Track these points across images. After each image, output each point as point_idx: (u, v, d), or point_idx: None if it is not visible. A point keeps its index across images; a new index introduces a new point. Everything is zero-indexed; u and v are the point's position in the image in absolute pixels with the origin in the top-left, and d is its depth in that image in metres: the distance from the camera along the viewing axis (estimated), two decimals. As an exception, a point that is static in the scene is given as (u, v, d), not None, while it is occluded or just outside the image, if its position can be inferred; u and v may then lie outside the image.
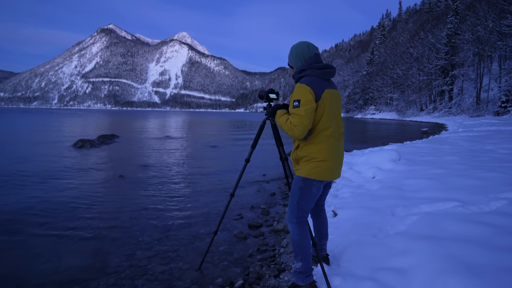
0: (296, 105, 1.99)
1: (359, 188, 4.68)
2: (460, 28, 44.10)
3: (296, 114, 1.97)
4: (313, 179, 2.09)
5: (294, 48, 2.19)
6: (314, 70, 2.08)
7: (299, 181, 2.13)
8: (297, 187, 2.13)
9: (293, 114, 1.99)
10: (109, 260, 3.02)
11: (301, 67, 2.12)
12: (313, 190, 2.13)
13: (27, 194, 5.28)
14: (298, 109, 1.97)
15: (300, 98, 1.98)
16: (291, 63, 2.23)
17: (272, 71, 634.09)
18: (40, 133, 19.05)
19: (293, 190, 2.17)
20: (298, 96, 1.99)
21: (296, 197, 2.14)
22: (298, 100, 1.98)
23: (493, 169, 5.07)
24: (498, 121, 24.27)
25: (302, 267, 2.17)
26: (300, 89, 2.00)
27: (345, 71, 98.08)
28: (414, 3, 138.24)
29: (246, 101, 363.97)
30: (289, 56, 2.24)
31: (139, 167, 7.99)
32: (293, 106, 2.01)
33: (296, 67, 2.18)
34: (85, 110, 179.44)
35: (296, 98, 2.00)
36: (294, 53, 2.18)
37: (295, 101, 2.00)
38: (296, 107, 1.99)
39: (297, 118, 1.96)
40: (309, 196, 2.13)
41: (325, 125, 2.07)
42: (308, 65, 2.10)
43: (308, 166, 2.08)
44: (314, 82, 2.03)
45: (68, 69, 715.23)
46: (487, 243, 2.34)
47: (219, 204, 4.85)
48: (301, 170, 2.12)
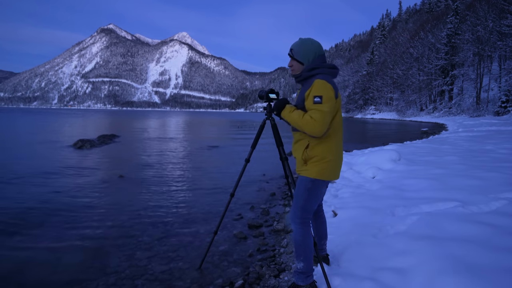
0: (318, 101, 1.90)
1: (359, 188, 4.68)
2: (460, 28, 44.11)
3: (318, 110, 1.89)
4: (321, 180, 2.06)
5: (310, 43, 2.07)
6: (326, 69, 2.04)
7: (307, 182, 2.06)
8: (304, 188, 2.07)
9: (315, 110, 1.90)
10: (109, 260, 3.01)
11: (313, 65, 2.05)
12: (320, 191, 2.13)
13: (27, 194, 5.28)
14: (320, 105, 1.89)
15: (323, 95, 1.90)
16: (302, 58, 2.08)
17: (272, 71, 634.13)
18: (40, 133, 19.05)
19: (299, 191, 2.10)
20: (320, 92, 1.91)
21: (303, 199, 2.08)
22: (320, 96, 1.90)
23: (493, 169, 5.07)
24: (498, 121, 24.27)
25: (304, 267, 2.16)
26: (322, 85, 1.92)
27: (345, 71, 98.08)
28: (414, 3, 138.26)
29: (246, 101, 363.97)
30: (299, 51, 2.08)
31: (139, 167, 7.99)
32: (313, 102, 1.91)
33: (307, 63, 2.08)
34: (85, 110, 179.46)
35: (318, 94, 1.91)
36: (307, 48, 2.06)
37: (316, 96, 1.90)
38: (318, 103, 1.90)
39: (320, 114, 1.88)
40: (315, 197, 2.11)
41: (338, 124, 2.07)
42: (319, 64, 2.04)
43: (319, 166, 2.04)
44: (331, 81, 1.99)
45: (68, 69, 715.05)
46: (487, 243, 2.33)
47: (219, 204, 4.84)
48: (310, 171, 2.05)
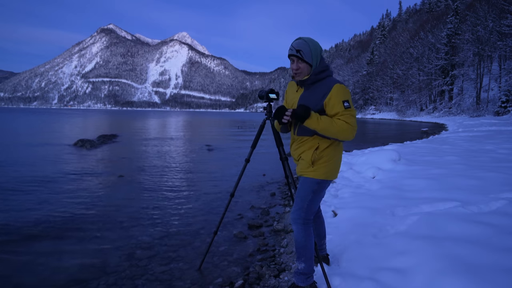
0: (348, 106, 1.95)
1: (359, 188, 4.68)
2: (460, 28, 44.11)
3: (351, 115, 1.95)
4: (327, 180, 2.09)
5: (316, 45, 2.02)
6: (331, 71, 2.07)
7: (313, 184, 2.06)
8: (310, 189, 2.07)
9: (348, 115, 1.94)
10: (109, 260, 3.01)
11: (321, 68, 2.02)
12: (324, 191, 2.15)
13: (26, 194, 5.28)
14: (351, 110, 1.96)
15: (348, 99, 1.97)
16: (310, 59, 2.00)
17: (272, 71, 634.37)
18: (40, 133, 19.05)
19: (304, 192, 2.08)
20: (346, 97, 1.97)
21: (308, 199, 2.07)
22: (347, 101, 1.96)
23: (493, 169, 5.07)
24: (498, 121, 24.27)
25: (305, 268, 2.15)
26: (345, 89, 1.98)
27: (345, 71, 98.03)
28: (414, 3, 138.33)
29: (246, 101, 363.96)
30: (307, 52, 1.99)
31: (139, 167, 7.99)
32: (344, 107, 1.95)
33: (315, 65, 2.02)
34: (85, 110, 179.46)
35: (345, 98, 1.96)
36: (314, 50, 2.00)
37: (344, 101, 1.95)
38: (348, 108, 1.95)
39: (353, 119, 1.95)
40: (320, 198, 2.13)
41: None
42: (326, 65, 2.05)
43: (327, 168, 2.05)
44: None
45: (68, 69, 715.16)
46: (487, 243, 2.34)
47: (219, 204, 4.85)
48: (317, 172, 2.05)
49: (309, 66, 2.02)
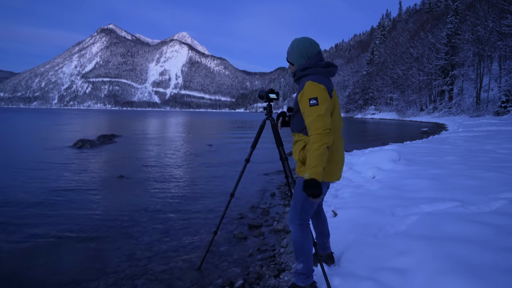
0: (315, 103, 1.81)
1: (359, 188, 4.68)
2: (460, 28, 44.13)
3: (318, 115, 1.79)
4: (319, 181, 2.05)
5: (296, 44, 2.04)
6: (319, 68, 1.96)
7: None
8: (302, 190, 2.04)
9: (315, 115, 1.80)
10: (109, 260, 3.01)
11: (305, 65, 1.99)
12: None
13: (26, 194, 5.28)
14: (317, 108, 1.80)
15: (317, 96, 1.83)
16: (292, 59, 2.06)
17: (272, 71, 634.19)
18: (40, 133, 19.05)
19: (297, 193, 2.06)
20: (314, 94, 1.83)
21: (301, 200, 2.03)
22: (316, 98, 1.82)
23: (493, 169, 5.07)
24: (498, 121, 24.29)
25: (303, 268, 2.15)
26: (314, 86, 1.85)
27: (345, 71, 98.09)
28: (414, 3, 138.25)
29: (246, 101, 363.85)
30: (290, 52, 2.07)
31: (139, 167, 7.99)
32: (309, 105, 1.82)
33: (298, 64, 2.04)
34: (85, 110, 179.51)
35: (312, 96, 1.83)
36: (296, 49, 2.03)
37: (311, 99, 1.82)
38: (314, 105, 1.81)
39: (320, 119, 1.78)
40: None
41: (336, 125, 2.00)
42: (313, 63, 1.98)
43: None
44: (324, 80, 1.92)
45: (68, 69, 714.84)
46: (487, 243, 2.33)
47: (219, 204, 4.84)
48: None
49: (293, 65, 2.10)
